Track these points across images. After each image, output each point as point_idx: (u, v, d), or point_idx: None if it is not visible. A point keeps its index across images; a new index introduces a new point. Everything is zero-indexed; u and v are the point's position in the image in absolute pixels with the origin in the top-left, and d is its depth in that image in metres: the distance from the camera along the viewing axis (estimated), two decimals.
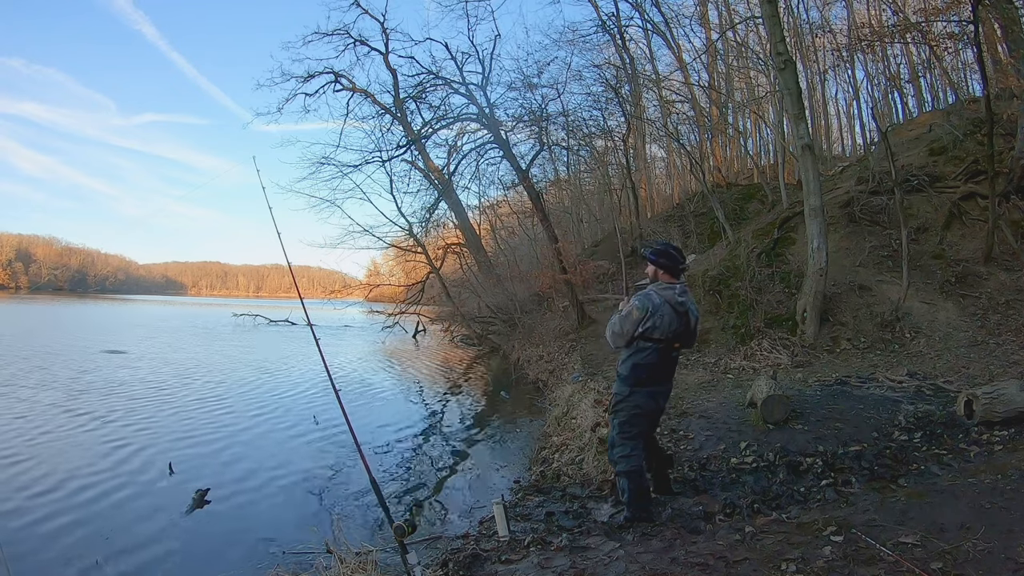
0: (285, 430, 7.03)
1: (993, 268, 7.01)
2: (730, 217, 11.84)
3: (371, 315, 19.46)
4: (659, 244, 3.17)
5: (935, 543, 2.24)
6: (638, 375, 3.02)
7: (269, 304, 49.54)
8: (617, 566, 2.48)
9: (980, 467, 3.14)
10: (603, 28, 16.84)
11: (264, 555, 3.69)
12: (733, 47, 17.03)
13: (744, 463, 3.67)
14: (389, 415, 8.08)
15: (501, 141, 13.23)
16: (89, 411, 7.59)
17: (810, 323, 6.65)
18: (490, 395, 9.84)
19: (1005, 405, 3.73)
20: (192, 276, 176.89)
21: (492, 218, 18.95)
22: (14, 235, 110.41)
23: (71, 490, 4.80)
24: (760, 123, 17.79)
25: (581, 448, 4.83)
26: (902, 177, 7.84)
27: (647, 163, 20.64)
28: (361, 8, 14.06)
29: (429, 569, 2.77)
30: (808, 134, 7.15)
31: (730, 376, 5.96)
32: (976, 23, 6.91)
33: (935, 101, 14.35)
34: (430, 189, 15.86)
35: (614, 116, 16.60)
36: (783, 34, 7.50)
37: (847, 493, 3.12)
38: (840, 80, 17.74)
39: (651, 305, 2.93)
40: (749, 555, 2.37)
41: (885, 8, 15.07)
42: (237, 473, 5.38)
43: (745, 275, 7.78)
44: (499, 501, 3.22)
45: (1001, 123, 8.16)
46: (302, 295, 3.83)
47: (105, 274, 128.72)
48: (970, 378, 5.08)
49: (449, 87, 13.88)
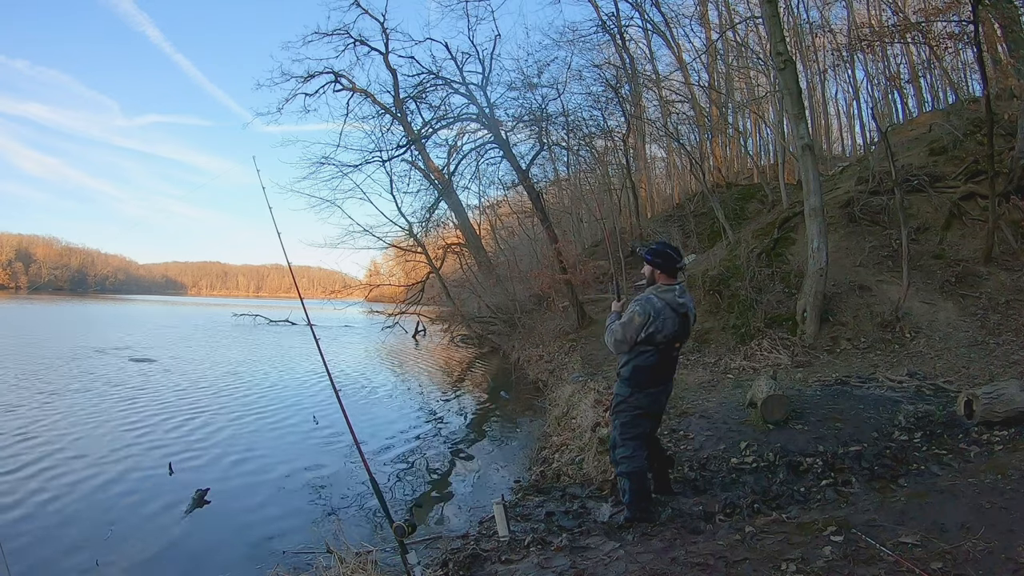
0: (285, 430, 7.03)
1: (993, 268, 7.00)
2: (730, 217, 11.83)
3: (371, 315, 19.47)
4: (656, 244, 3.15)
5: (935, 543, 2.24)
6: (639, 377, 3.01)
7: (269, 304, 49.54)
8: (617, 566, 2.48)
9: (980, 467, 3.13)
10: (603, 28, 16.85)
11: (264, 555, 3.70)
12: (733, 47, 17.03)
13: (744, 463, 3.67)
14: (389, 415, 8.09)
15: (501, 141, 13.23)
16: (88, 411, 7.60)
17: (810, 323, 6.65)
18: (490, 395, 9.83)
19: (1005, 405, 3.72)
20: (192, 276, 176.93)
21: (492, 218, 18.96)
22: (14, 235, 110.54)
23: (71, 489, 4.80)
24: (760, 123, 17.80)
25: (581, 448, 4.82)
26: (902, 177, 7.83)
27: (647, 163, 20.65)
28: (361, 8, 14.09)
29: (429, 569, 2.77)
30: (808, 134, 7.15)
31: (730, 376, 5.95)
32: (976, 23, 6.90)
33: (935, 101, 14.35)
34: (430, 189, 15.88)
35: (614, 116, 16.63)
36: (783, 34, 7.50)
37: (847, 493, 3.12)
38: (840, 80, 17.77)
39: (652, 310, 2.91)
40: (749, 555, 2.37)
41: (885, 8, 15.08)
42: (237, 473, 5.39)
43: (745, 275, 7.78)
44: (499, 501, 3.22)
45: (1001, 123, 8.15)
46: (302, 295, 3.82)
47: (105, 274, 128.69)
48: (970, 378, 5.08)
49: (449, 87, 13.90)
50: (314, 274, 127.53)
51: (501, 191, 17.12)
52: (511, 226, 20.00)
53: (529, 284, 14.45)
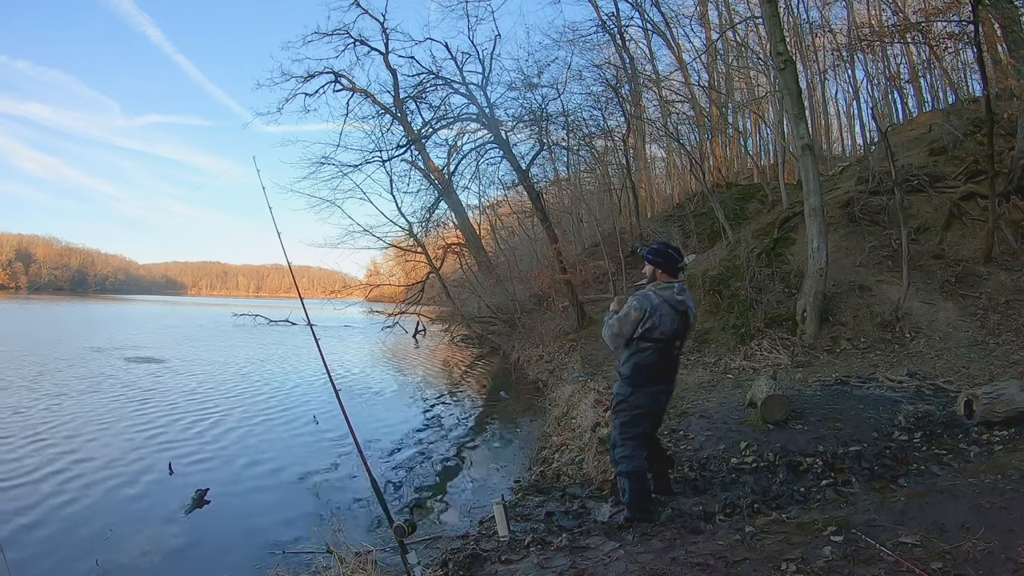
0: (285, 430, 7.03)
1: (993, 268, 7.00)
2: (730, 217, 11.83)
3: (371, 315, 19.46)
4: (657, 244, 3.17)
5: (935, 543, 2.24)
6: (639, 375, 3.02)
7: (269, 304, 49.50)
8: (617, 566, 2.47)
9: (980, 467, 3.13)
10: (603, 28, 16.85)
11: (264, 555, 3.69)
12: (733, 47, 17.03)
13: (744, 463, 3.67)
14: (389, 415, 8.09)
15: (501, 141, 13.24)
16: (89, 410, 7.60)
17: (810, 323, 6.65)
18: (490, 395, 9.83)
19: (1005, 405, 3.72)
20: (192, 276, 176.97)
21: (492, 218, 18.96)
22: (14, 235, 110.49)
23: (71, 489, 4.80)
24: (760, 123, 17.80)
25: (581, 448, 4.83)
26: (902, 177, 7.83)
27: (647, 163, 20.64)
28: (361, 8, 14.10)
29: (429, 569, 2.77)
30: (808, 134, 7.15)
31: (730, 376, 5.96)
32: (976, 23, 6.90)
33: (935, 101, 14.35)
34: (430, 189, 15.89)
35: (614, 116, 16.59)
36: (783, 34, 7.50)
37: (847, 493, 3.12)
38: (840, 80, 17.76)
39: (649, 306, 2.93)
40: (749, 555, 2.37)
41: (885, 8, 15.08)
42: (237, 473, 5.39)
43: (745, 275, 7.78)
44: (499, 501, 3.21)
45: (1001, 123, 8.15)
46: (302, 295, 3.83)
47: (105, 274, 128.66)
48: (970, 378, 5.08)
49: (449, 87, 13.91)
50: (314, 274, 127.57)
51: (501, 191, 17.16)
52: (511, 226, 20.01)
53: (529, 284, 14.46)
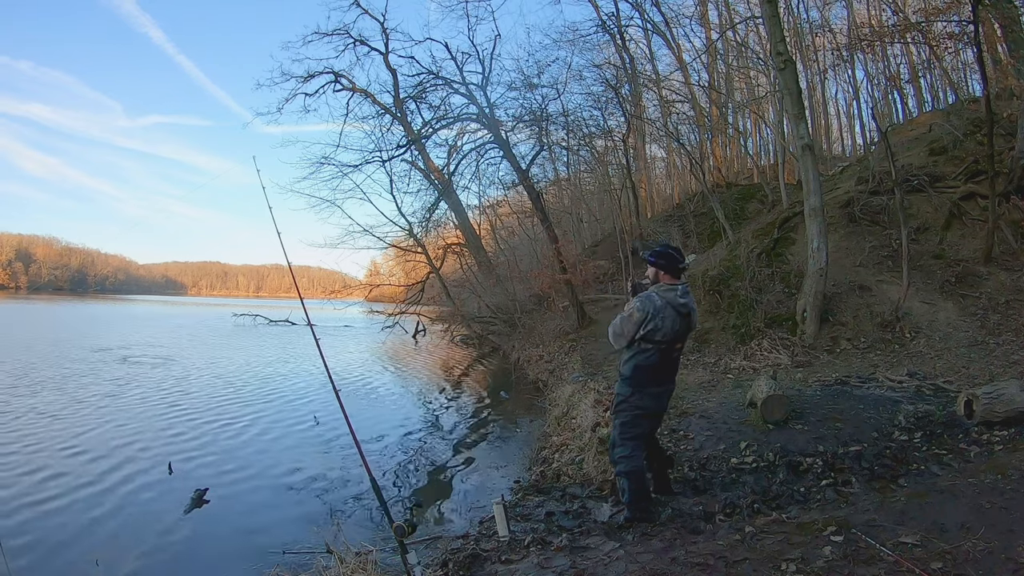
0: (285, 430, 7.03)
1: (993, 268, 7.00)
2: (730, 217, 11.83)
3: (371, 315, 19.45)
4: (658, 245, 3.18)
5: (935, 543, 2.24)
6: (640, 376, 3.02)
7: (269, 304, 49.49)
8: (617, 566, 2.47)
9: (980, 467, 3.13)
10: (603, 28, 16.86)
11: (264, 555, 3.69)
12: (733, 47, 17.03)
13: (744, 463, 3.67)
14: (389, 415, 8.09)
15: (501, 141, 13.24)
16: (88, 411, 7.60)
17: (810, 323, 6.65)
18: (490, 395, 9.83)
19: (1005, 405, 3.72)
20: (192, 276, 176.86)
21: (492, 218, 18.96)
22: (14, 235, 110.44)
23: (71, 489, 4.80)
24: (760, 123, 17.80)
25: (581, 448, 4.82)
26: (902, 177, 7.83)
27: (647, 163, 20.64)
28: (361, 8, 14.10)
29: (429, 569, 2.77)
30: (808, 134, 7.15)
31: (730, 376, 5.95)
32: (976, 23, 6.90)
33: (935, 101, 14.34)
34: (430, 189, 15.89)
35: (614, 116, 16.61)
36: (783, 34, 7.50)
37: (847, 493, 3.12)
38: (840, 80, 17.77)
39: (652, 308, 2.93)
40: (749, 555, 2.37)
41: (885, 8, 15.08)
42: (237, 473, 5.39)
43: (745, 275, 7.78)
44: (499, 501, 3.21)
45: (1001, 123, 8.14)
46: (302, 295, 3.83)
47: (105, 274, 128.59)
48: (970, 378, 5.07)
49: (449, 87, 13.90)
50: (314, 274, 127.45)
51: (501, 191, 17.16)
52: (511, 226, 20.01)
53: (529, 284, 14.46)
